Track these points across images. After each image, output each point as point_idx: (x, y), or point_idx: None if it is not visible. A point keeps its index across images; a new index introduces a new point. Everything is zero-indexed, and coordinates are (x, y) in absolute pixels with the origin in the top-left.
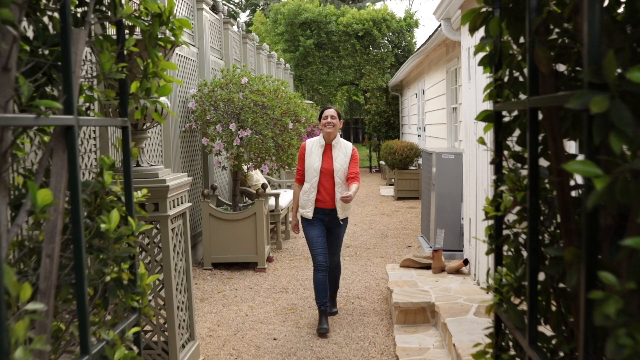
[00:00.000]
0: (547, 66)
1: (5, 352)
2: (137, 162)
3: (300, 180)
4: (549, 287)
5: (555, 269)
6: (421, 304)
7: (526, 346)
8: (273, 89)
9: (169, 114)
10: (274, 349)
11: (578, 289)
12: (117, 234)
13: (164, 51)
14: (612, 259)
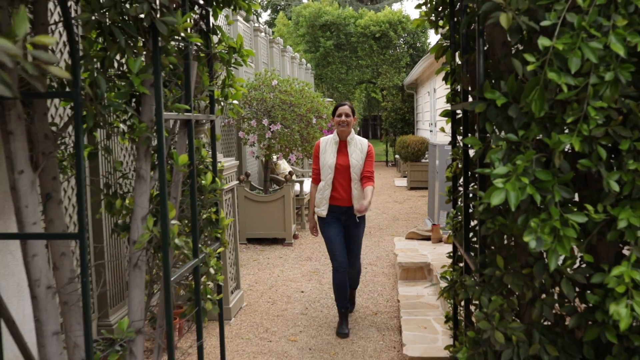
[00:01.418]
0: (466, 85)
1: (167, 242)
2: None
3: (316, 180)
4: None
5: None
6: (420, 264)
7: (462, 252)
8: (299, 89)
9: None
10: (301, 298)
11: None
12: (210, 187)
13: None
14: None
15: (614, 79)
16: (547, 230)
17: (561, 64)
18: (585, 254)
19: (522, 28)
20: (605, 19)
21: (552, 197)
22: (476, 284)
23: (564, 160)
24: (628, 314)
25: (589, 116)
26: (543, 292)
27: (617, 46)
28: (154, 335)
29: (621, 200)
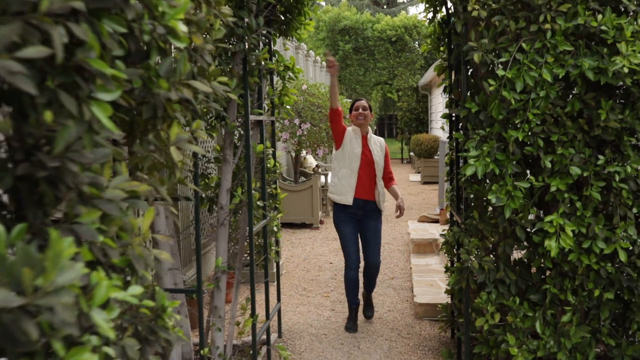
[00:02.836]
0: (457, 97)
1: (252, 203)
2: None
3: (340, 110)
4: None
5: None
6: (429, 240)
7: (454, 213)
8: (325, 93)
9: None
10: (330, 267)
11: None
12: (272, 169)
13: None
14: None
15: (545, 95)
16: (503, 192)
17: (511, 86)
18: (531, 209)
19: (488, 62)
20: (540, 57)
21: (507, 170)
22: (460, 230)
23: (515, 147)
24: (556, 246)
25: (530, 119)
26: (506, 237)
27: (546, 75)
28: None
29: (553, 173)
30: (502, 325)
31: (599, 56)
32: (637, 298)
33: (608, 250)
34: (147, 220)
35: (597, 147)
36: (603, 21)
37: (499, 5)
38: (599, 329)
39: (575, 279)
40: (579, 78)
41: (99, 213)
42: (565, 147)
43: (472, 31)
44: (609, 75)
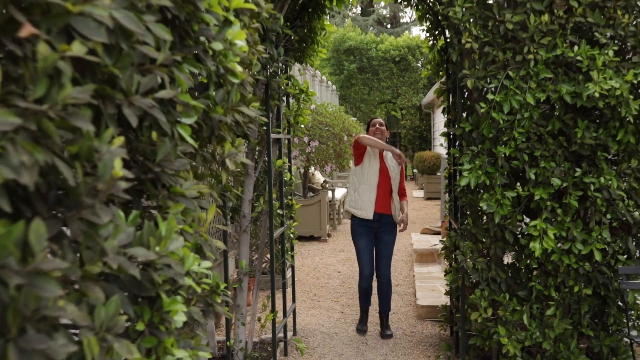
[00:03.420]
0: (454, 117)
1: (273, 212)
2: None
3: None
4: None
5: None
6: (431, 250)
7: (452, 219)
8: (333, 112)
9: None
10: (339, 275)
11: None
12: (289, 182)
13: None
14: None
15: (529, 116)
16: (493, 200)
17: (500, 108)
18: (519, 216)
19: (479, 87)
20: (524, 83)
21: (496, 181)
22: (457, 235)
23: (504, 161)
24: (540, 247)
25: (516, 137)
26: (496, 240)
27: (530, 98)
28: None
29: (537, 184)
30: (494, 319)
31: (575, 82)
32: (612, 293)
33: (585, 251)
34: (210, 215)
35: (575, 161)
36: (578, 52)
37: (489, 39)
38: (580, 321)
39: (558, 276)
40: (558, 101)
41: (182, 206)
42: (547, 161)
43: (466, 60)
44: (583, 99)
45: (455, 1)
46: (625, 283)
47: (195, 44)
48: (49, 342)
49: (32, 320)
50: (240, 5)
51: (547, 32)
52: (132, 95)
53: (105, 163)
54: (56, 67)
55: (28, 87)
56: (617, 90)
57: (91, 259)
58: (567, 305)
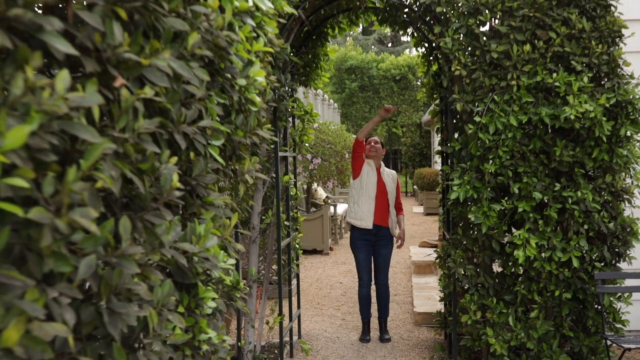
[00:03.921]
0: (446, 137)
1: (280, 223)
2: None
3: (362, 142)
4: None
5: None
6: (428, 262)
7: (444, 230)
8: (335, 130)
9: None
10: (340, 286)
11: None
12: (295, 196)
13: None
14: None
15: (513, 136)
16: (480, 212)
17: (486, 129)
18: (504, 226)
19: (468, 110)
20: (508, 106)
21: (483, 195)
22: (448, 244)
23: (490, 177)
24: (523, 255)
25: (501, 155)
26: (484, 248)
27: (513, 120)
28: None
29: (520, 197)
30: (483, 321)
31: (554, 106)
32: (590, 297)
33: (565, 258)
34: (234, 221)
35: (554, 176)
36: (557, 78)
37: (476, 66)
38: (561, 323)
39: (540, 282)
40: (539, 122)
41: (212, 213)
42: (529, 177)
43: (456, 85)
44: (561, 120)
45: (446, 32)
46: (601, 287)
47: (223, 80)
48: (128, 307)
49: (115, 292)
50: (260, 49)
51: (529, 61)
52: (181, 124)
53: (166, 177)
54: (134, 106)
55: (115, 121)
56: (592, 113)
57: (152, 250)
58: (550, 308)
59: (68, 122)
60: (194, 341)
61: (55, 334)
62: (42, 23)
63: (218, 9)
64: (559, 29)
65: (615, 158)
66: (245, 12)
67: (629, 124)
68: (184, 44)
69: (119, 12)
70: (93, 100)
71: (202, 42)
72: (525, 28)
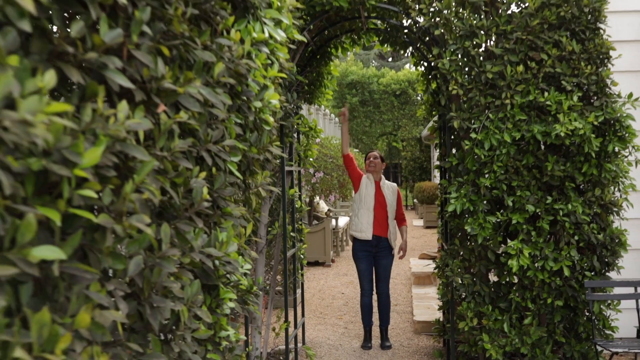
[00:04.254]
0: (443, 152)
1: (286, 234)
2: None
3: (351, 156)
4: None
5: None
6: (427, 273)
7: (442, 241)
8: (337, 145)
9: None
10: (342, 296)
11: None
12: (300, 208)
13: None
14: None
15: (507, 152)
16: (476, 224)
17: (481, 145)
18: (499, 237)
19: (464, 127)
20: (502, 124)
21: (479, 208)
22: (446, 254)
23: (485, 191)
24: (517, 264)
25: (496, 170)
26: (480, 258)
27: (507, 137)
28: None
29: (514, 210)
30: (479, 328)
31: (545, 123)
32: (581, 305)
33: (556, 267)
34: (249, 230)
35: (546, 190)
36: (548, 97)
37: (472, 86)
38: (554, 329)
39: (533, 290)
40: (531, 139)
41: (231, 223)
42: (522, 191)
43: (453, 104)
44: (552, 137)
45: (444, 54)
46: (591, 295)
47: (241, 102)
48: (165, 302)
49: (154, 289)
50: (275, 75)
51: (522, 81)
52: (208, 143)
53: (197, 190)
54: (171, 128)
55: (156, 141)
56: (581, 130)
57: (184, 254)
58: (543, 315)
59: (125, 144)
60: (215, 337)
61: (113, 319)
62: (106, 62)
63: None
64: (550, 51)
65: (604, 173)
66: (261, 42)
67: (616, 141)
68: (210, 73)
69: (163, 49)
70: (145, 125)
71: (226, 70)
72: (519, 50)
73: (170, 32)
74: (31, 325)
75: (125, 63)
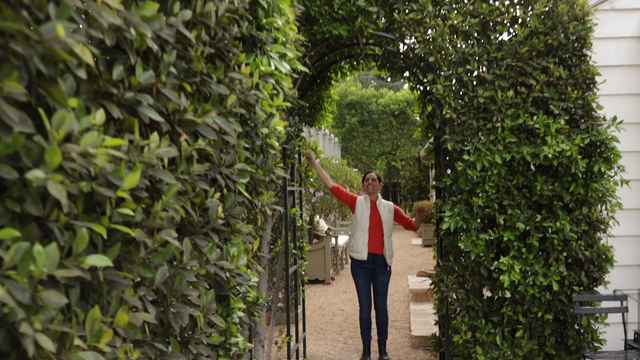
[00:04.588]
0: (438, 172)
1: (289, 251)
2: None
3: (337, 186)
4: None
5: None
6: (425, 290)
7: (438, 258)
8: (336, 165)
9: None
10: (342, 313)
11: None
12: (301, 226)
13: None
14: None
15: (498, 173)
16: (469, 241)
17: (474, 166)
18: (491, 254)
19: (457, 149)
20: (493, 146)
21: (472, 225)
22: (441, 270)
23: (478, 209)
24: (508, 280)
25: (487, 189)
26: (474, 274)
27: (498, 159)
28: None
29: (505, 227)
30: (473, 341)
31: (534, 145)
32: (570, 318)
33: (546, 282)
34: (255, 245)
35: (536, 208)
36: (537, 121)
37: (465, 110)
38: (545, 342)
39: (524, 304)
40: (521, 160)
41: (240, 239)
42: (513, 209)
43: (447, 127)
44: (541, 158)
45: (438, 79)
46: (579, 309)
47: (250, 129)
48: (185, 308)
49: (175, 296)
50: (280, 104)
51: (512, 105)
52: (221, 166)
53: (213, 209)
54: (191, 154)
55: (178, 165)
56: (568, 152)
57: (200, 266)
58: (534, 329)
59: (155, 169)
60: (226, 343)
61: (144, 320)
62: (140, 99)
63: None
64: (539, 77)
65: (590, 192)
66: (268, 74)
67: (601, 162)
68: (224, 104)
69: (185, 86)
70: (172, 153)
71: (237, 101)
72: (509, 76)
73: (190, 70)
74: (85, 321)
75: (154, 99)
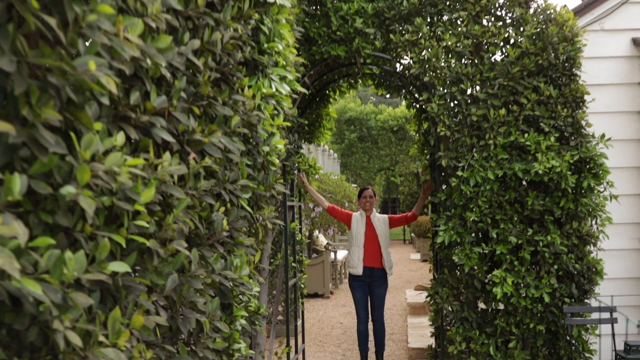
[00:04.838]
0: (433, 188)
1: (289, 264)
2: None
3: (332, 206)
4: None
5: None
6: (422, 304)
7: (433, 271)
8: (335, 181)
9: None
10: (341, 326)
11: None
12: (300, 240)
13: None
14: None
15: (490, 188)
16: (463, 254)
17: (467, 182)
18: (484, 266)
19: (451, 165)
20: (486, 162)
21: (465, 239)
22: (436, 282)
23: (471, 223)
24: (501, 292)
25: (480, 204)
26: (467, 286)
27: (490, 175)
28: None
29: (498, 241)
30: (467, 351)
31: (526, 161)
32: (561, 329)
33: (537, 294)
34: (257, 257)
35: (528, 223)
36: (528, 138)
37: (458, 127)
38: (537, 353)
39: (517, 315)
40: (513, 176)
41: (242, 251)
42: (505, 223)
43: (442, 144)
44: (532, 174)
45: (432, 98)
46: (570, 320)
47: (252, 147)
48: (192, 314)
49: (183, 303)
50: (281, 124)
51: (504, 123)
52: (226, 183)
53: (218, 222)
54: (198, 171)
55: (186, 181)
56: (558, 168)
57: (207, 275)
58: (526, 339)
59: (167, 185)
60: (230, 349)
61: (156, 323)
62: (154, 122)
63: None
64: (530, 96)
65: (580, 207)
66: (269, 95)
67: (591, 177)
68: (228, 124)
69: (194, 109)
70: (182, 170)
71: (240, 121)
72: (501, 95)
73: (198, 94)
74: (107, 321)
75: (166, 121)
